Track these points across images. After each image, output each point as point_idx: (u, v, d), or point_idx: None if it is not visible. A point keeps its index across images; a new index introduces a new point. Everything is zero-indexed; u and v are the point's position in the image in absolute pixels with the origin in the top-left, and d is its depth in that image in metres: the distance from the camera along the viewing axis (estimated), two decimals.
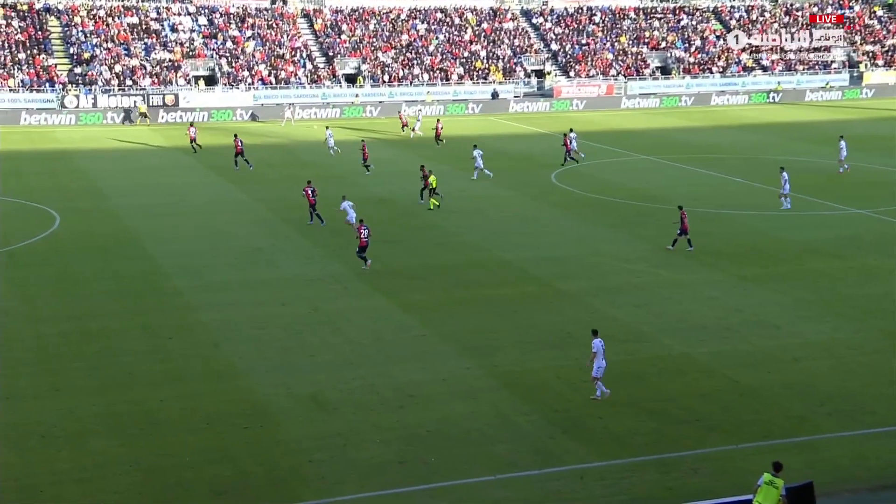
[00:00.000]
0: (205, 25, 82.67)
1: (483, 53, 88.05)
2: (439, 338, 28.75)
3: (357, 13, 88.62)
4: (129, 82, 74.88)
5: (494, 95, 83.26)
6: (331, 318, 30.28)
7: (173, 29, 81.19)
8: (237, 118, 74.48)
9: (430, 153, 59.32)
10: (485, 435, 22.60)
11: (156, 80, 75.69)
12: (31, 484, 20.13)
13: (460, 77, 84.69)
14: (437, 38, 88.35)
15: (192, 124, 62.17)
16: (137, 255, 37.02)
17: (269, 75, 79.47)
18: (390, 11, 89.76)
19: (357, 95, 79.27)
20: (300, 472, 20.92)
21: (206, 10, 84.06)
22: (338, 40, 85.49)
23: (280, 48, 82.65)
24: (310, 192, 41.30)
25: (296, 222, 42.00)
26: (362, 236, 34.97)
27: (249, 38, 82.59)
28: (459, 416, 23.55)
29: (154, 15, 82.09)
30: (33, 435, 22.15)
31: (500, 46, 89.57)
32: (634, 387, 25.34)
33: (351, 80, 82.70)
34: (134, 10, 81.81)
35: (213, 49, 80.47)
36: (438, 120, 67.63)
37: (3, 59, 73.75)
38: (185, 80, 76.93)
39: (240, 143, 54.09)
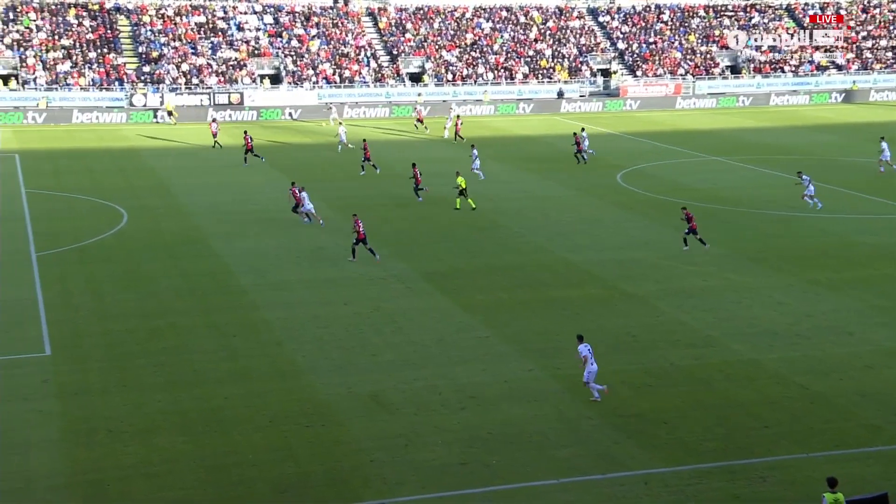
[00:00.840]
0: (270, 24, 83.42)
1: (548, 52, 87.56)
2: (502, 339, 28.56)
3: (421, 12, 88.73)
4: (195, 81, 75.86)
5: (560, 95, 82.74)
6: (393, 318, 30.27)
7: (239, 28, 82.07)
8: (295, 117, 74.96)
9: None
10: (547, 438, 22.36)
11: (222, 79, 76.55)
12: (99, 478, 20.39)
13: (525, 76, 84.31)
14: (501, 36, 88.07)
15: (214, 120, 62.76)
16: (204, 252, 37.42)
17: (334, 74, 79.92)
18: (455, 10, 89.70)
19: (420, 94, 79.32)
20: (361, 472, 20.90)
21: (272, 9, 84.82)
22: (402, 39, 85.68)
23: (345, 47, 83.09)
24: (296, 191, 41.83)
25: (361, 221, 41.99)
26: (360, 229, 35.56)
27: (314, 36, 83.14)
28: (522, 419, 23.34)
29: (221, 14, 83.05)
30: (101, 430, 22.44)
31: (565, 45, 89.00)
32: (701, 392, 24.90)
33: (415, 78, 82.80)
34: (201, 9, 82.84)
35: (279, 48, 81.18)
36: (458, 116, 67.59)
37: (74, 57, 75.21)
38: (251, 78, 77.70)
39: (250, 140, 55.42)
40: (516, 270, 35.37)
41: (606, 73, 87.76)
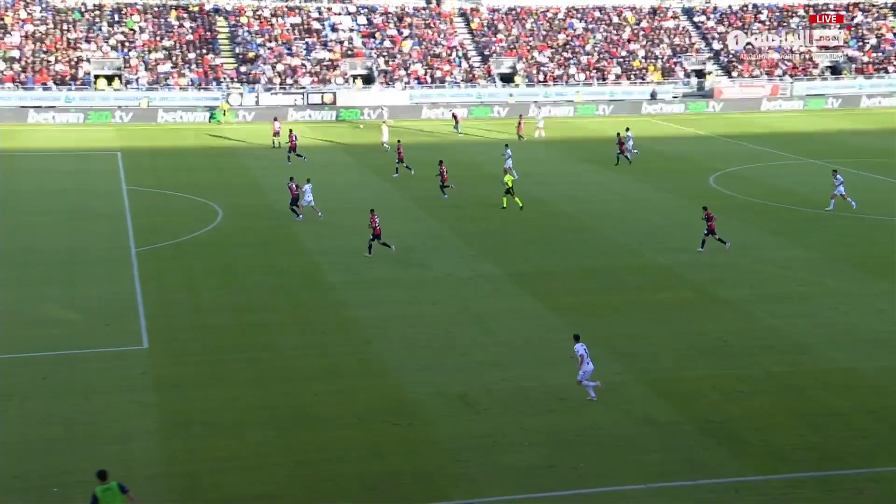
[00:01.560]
0: (364, 25, 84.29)
1: (641, 53, 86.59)
2: (590, 342, 28.18)
3: (514, 12, 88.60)
4: (289, 81, 77.07)
5: (653, 96, 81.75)
6: (481, 319, 30.32)
7: (333, 28, 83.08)
8: (386, 116, 75.61)
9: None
10: (635, 443, 22.14)
11: (315, 79, 77.62)
12: (194, 470, 20.90)
13: (617, 77, 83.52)
14: (594, 36, 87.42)
15: (276, 119, 63.29)
16: (296, 250, 38.00)
17: (425, 74, 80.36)
18: (547, 10, 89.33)
19: (511, 95, 79.21)
20: (448, 472, 20.98)
21: (366, 10, 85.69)
22: (493, 39, 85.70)
23: (436, 47, 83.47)
24: (293, 186, 42.55)
25: (449, 221, 42.27)
26: (376, 224, 36.21)
27: (407, 37, 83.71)
28: (610, 423, 23.15)
29: (315, 15, 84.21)
30: (196, 422, 22.99)
31: (659, 45, 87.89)
32: (795, 399, 24.36)
33: (506, 79, 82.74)
34: (297, 11, 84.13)
35: (372, 48, 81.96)
36: (521, 116, 67.13)
37: (175, 58, 77.12)
38: (344, 78, 78.61)
39: (294, 139, 56.06)
40: (606, 273, 35.09)
41: (700, 74, 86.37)
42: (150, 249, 37.49)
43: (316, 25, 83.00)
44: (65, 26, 77.44)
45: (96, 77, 73.99)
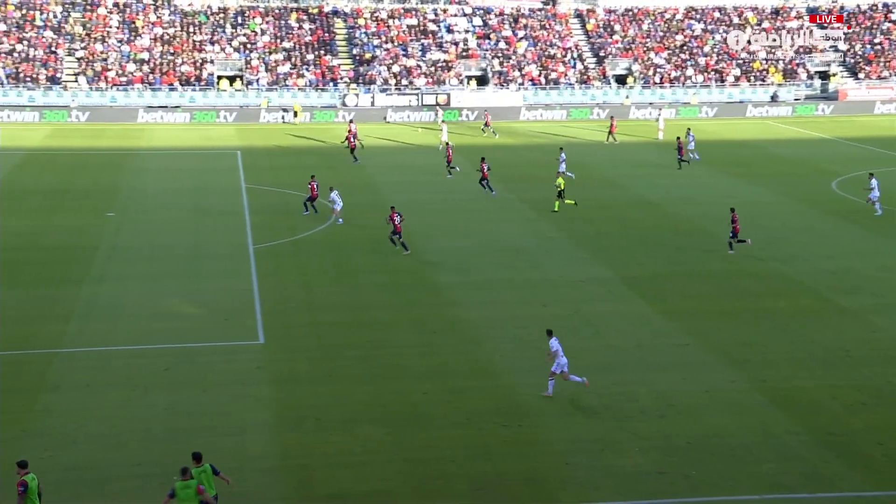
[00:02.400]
0: (479, 26, 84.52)
1: (762, 54, 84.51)
2: (703, 348, 27.86)
3: (631, 13, 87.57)
4: (404, 82, 77.84)
5: (774, 98, 79.75)
6: (592, 321, 30.10)
7: (449, 30, 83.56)
8: (508, 118, 75.67)
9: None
10: (750, 452, 21.65)
11: (430, 80, 78.21)
12: (306, 464, 21.32)
13: (736, 79, 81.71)
14: (713, 38, 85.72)
15: (351, 121, 63.42)
16: (416, 249, 38.30)
17: (539, 75, 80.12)
18: (665, 11, 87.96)
19: (627, 97, 78.33)
20: (557, 475, 20.91)
21: (481, 12, 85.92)
22: (609, 40, 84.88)
23: (551, 48, 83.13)
24: (315, 185, 43.39)
25: (562, 223, 42.07)
26: (395, 222, 36.70)
27: (522, 38, 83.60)
28: (723, 431, 22.71)
29: (431, 16, 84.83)
30: (308, 418, 23.43)
31: (780, 46, 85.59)
32: None
33: (621, 80, 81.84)
34: (413, 12, 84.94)
35: (486, 49, 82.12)
36: (612, 117, 65.86)
37: (294, 59, 78.78)
38: (458, 79, 78.98)
39: (352, 139, 56.44)
40: (721, 278, 34.39)
41: (825, 76, 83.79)
42: (267, 247, 38.39)
43: (432, 27, 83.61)
44: (191, 29, 79.96)
45: (219, 77, 76.15)
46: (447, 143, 55.11)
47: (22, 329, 28.75)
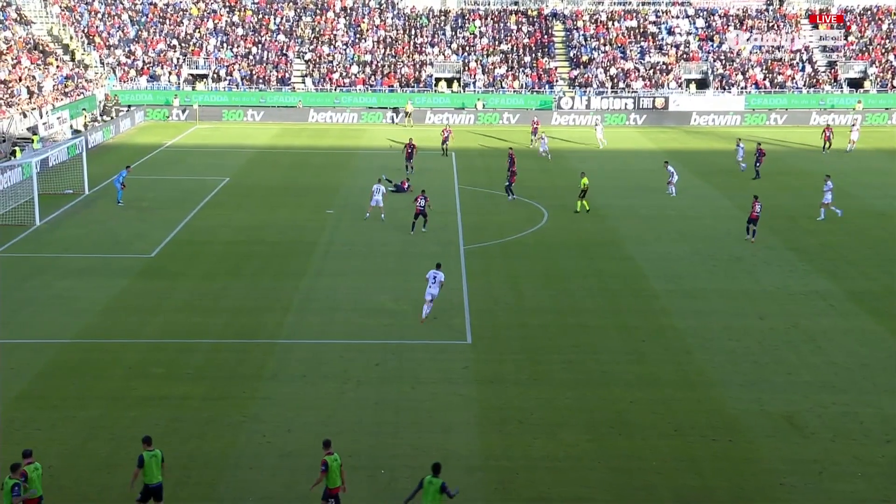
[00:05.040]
0: (702, 28, 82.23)
1: None
2: None
3: (869, 13, 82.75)
4: (621, 85, 76.77)
5: None
6: (812, 336, 28.62)
7: (670, 32, 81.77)
8: (730, 122, 73.26)
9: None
10: None
11: (647, 83, 76.77)
12: (509, 466, 21.33)
13: None
14: None
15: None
16: (618, 254, 37.76)
17: (764, 79, 77.05)
18: None
19: (860, 101, 74.10)
20: (769, 494, 20.02)
21: (705, 13, 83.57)
22: (844, 42, 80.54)
23: (778, 51, 79.76)
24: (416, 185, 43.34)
25: (783, 233, 40.28)
26: (418, 205, 39.30)
27: (747, 40, 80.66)
28: None
29: (653, 18, 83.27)
30: (512, 420, 23.44)
31: None
32: None
33: (854, 84, 77.44)
34: (633, 14, 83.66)
35: (708, 52, 79.78)
36: (828, 125, 62.57)
37: (511, 61, 79.29)
38: (677, 83, 77.12)
39: (411, 148, 53.93)
40: None
41: None
42: (477, 247, 38.76)
43: (652, 29, 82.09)
44: (413, 31, 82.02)
45: (437, 80, 77.66)
46: (509, 148, 54.74)
47: (247, 319, 30.26)
